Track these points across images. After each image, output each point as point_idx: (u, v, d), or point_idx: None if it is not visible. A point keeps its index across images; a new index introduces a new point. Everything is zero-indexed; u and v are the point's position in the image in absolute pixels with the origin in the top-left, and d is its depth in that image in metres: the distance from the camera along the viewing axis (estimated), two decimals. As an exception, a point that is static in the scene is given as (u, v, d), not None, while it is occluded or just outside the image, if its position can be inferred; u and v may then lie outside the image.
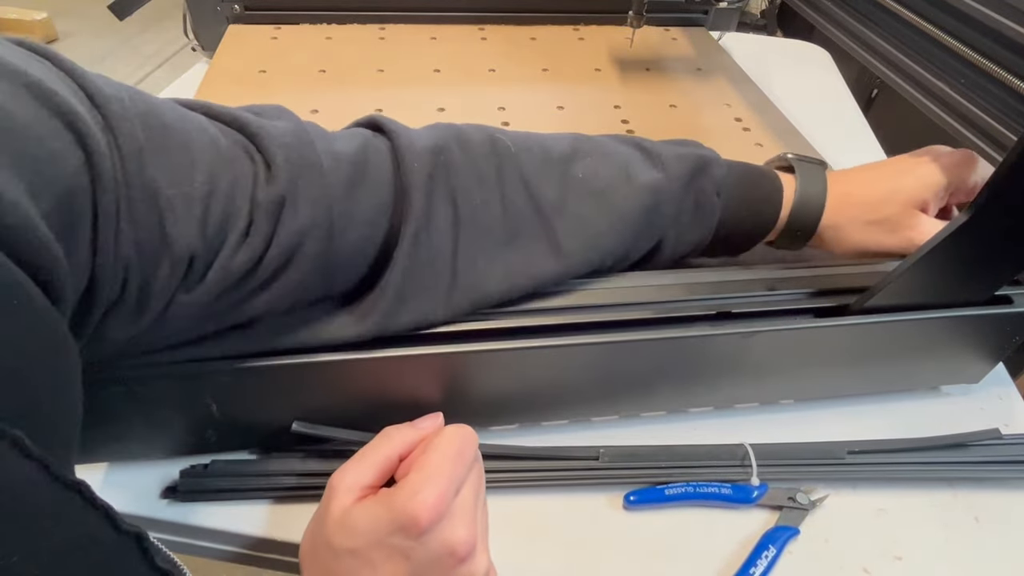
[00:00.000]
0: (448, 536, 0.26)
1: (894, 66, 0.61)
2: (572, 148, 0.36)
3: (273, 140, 0.28)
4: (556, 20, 0.81)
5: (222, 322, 0.30)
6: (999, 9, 0.48)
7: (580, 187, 0.35)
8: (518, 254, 0.34)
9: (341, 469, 0.29)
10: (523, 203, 0.34)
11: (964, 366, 0.43)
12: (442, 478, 0.27)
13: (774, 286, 0.38)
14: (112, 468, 0.37)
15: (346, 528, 0.27)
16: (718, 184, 0.38)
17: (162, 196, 0.24)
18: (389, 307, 0.31)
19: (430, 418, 0.32)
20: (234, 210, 0.27)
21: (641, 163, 0.37)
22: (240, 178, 0.27)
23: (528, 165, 0.34)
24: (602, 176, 0.36)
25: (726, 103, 0.67)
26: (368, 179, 0.31)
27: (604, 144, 0.38)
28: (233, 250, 0.27)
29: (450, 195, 0.32)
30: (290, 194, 0.28)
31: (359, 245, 0.31)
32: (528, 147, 0.35)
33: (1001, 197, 0.31)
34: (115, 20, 0.69)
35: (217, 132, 0.28)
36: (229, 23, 0.74)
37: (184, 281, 0.26)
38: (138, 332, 0.26)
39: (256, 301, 0.29)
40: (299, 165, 0.28)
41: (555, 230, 0.34)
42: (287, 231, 0.28)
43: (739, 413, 0.42)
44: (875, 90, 1.23)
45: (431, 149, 0.32)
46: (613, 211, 0.35)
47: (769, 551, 0.35)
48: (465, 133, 0.34)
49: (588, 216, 0.35)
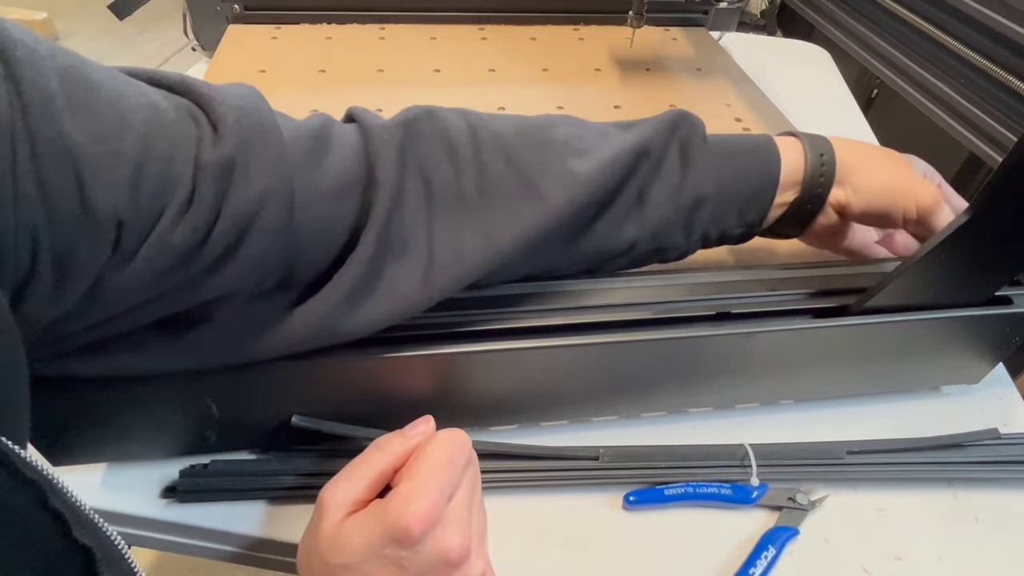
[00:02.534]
0: (442, 544, 0.26)
1: (894, 66, 0.61)
2: (548, 119, 0.35)
3: (223, 102, 0.25)
4: (556, 20, 0.81)
5: (170, 308, 0.27)
6: (999, 9, 0.48)
7: (562, 146, 0.33)
8: (497, 216, 0.31)
9: (331, 484, 0.28)
10: (501, 168, 0.32)
11: (964, 366, 0.43)
12: (433, 487, 0.26)
13: (774, 286, 0.38)
14: (112, 468, 0.37)
15: (339, 544, 0.26)
16: (702, 133, 0.36)
17: (80, 153, 0.21)
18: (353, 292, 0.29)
19: (421, 423, 0.31)
20: (174, 175, 0.24)
21: (620, 131, 0.36)
22: (182, 140, 0.24)
23: (504, 131, 0.33)
24: (584, 137, 0.34)
25: (726, 103, 0.67)
26: (334, 150, 0.29)
27: (581, 120, 0.37)
28: (173, 221, 0.24)
29: (420, 168, 0.30)
30: (241, 157, 0.25)
31: (326, 224, 0.28)
32: (503, 118, 0.34)
33: (1001, 197, 0.31)
34: (115, 20, 0.68)
35: (158, 96, 0.25)
36: (229, 23, 0.74)
37: (114, 256, 0.23)
38: (61, 314, 0.23)
39: (206, 285, 0.26)
40: (252, 128, 0.25)
41: (537, 185, 0.32)
42: (238, 200, 0.25)
43: (739, 413, 0.42)
44: (875, 90, 1.23)
45: (400, 123, 0.31)
46: (598, 161, 0.33)
47: (769, 551, 0.35)
48: (436, 108, 0.33)
49: (573, 169, 0.32)
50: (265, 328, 0.29)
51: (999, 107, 0.49)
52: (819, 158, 0.38)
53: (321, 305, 0.29)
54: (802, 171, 0.38)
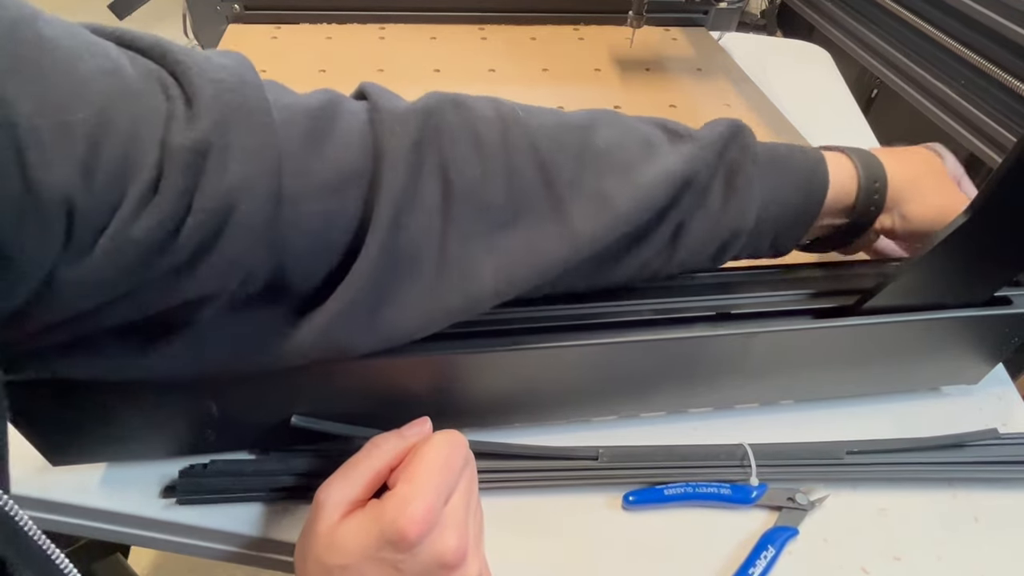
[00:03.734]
0: (439, 547, 0.26)
1: (894, 66, 0.61)
2: (590, 118, 0.31)
3: (202, 72, 0.22)
4: (556, 20, 0.81)
5: (141, 310, 0.24)
6: (999, 10, 0.48)
7: (600, 159, 0.30)
8: (520, 238, 0.28)
9: (326, 484, 0.28)
10: (532, 175, 0.28)
11: (963, 367, 0.43)
12: (429, 489, 0.26)
13: (774, 286, 0.38)
14: (112, 468, 0.37)
15: (335, 545, 0.26)
16: (754, 153, 0.32)
17: (21, 125, 0.18)
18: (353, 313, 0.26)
19: (417, 424, 0.31)
20: (136, 156, 0.20)
21: (667, 141, 0.32)
22: (148, 115, 0.21)
23: (540, 131, 0.29)
24: (626, 147, 0.30)
25: (726, 103, 0.67)
26: (336, 134, 0.25)
27: (626, 119, 0.33)
28: (134, 211, 0.21)
29: (440, 166, 0.27)
30: (218, 140, 0.22)
31: (322, 222, 0.25)
32: (539, 113, 0.30)
33: (1000, 198, 0.31)
34: (115, 20, 0.69)
35: (125, 60, 0.22)
36: (229, 23, 0.74)
37: (67, 248, 0.20)
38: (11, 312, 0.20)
39: (180, 287, 0.23)
40: (235, 106, 0.22)
41: (567, 209, 0.28)
42: (213, 190, 0.22)
43: (739, 413, 0.42)
44: (875, 90, 1.23)
45: (419, 111, 0.27)
46: (636, 187, 0.29)
47: (768, 551, 0.35)
48: (463, 96, 0.29)
49: (608, 193, 0.29)
50: (260, 339, 0.27)
51: (999, 107, 0.49)
52: (872, 185, 0.35)
53: (323, 318, 0.26)
54: (852, 198, 0.35)
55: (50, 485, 0.36)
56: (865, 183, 0.35)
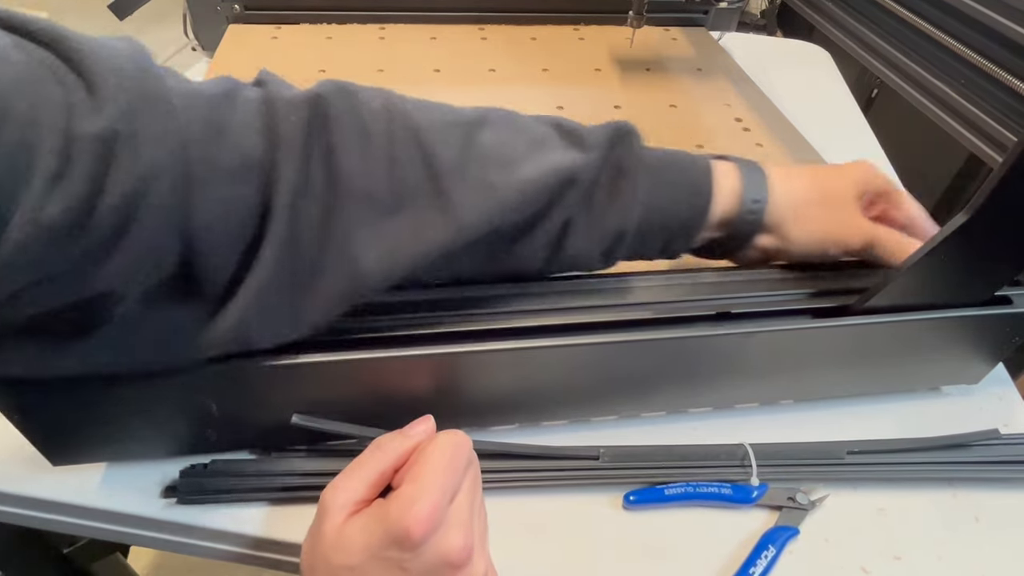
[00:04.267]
0: (444, 546, 0.26)
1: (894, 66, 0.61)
2: (481, 116, 0.32)
3: (100, 61, 0.22)
4: (556, 20, 0.81)
5: (58, 297, 0.24)
6: (999, 9, 0.48)
7: (485, 154, 0.31)
8: (404, 225, 0.29)
9: (332, 486, 0.28)
10: (415, 165, 0.29)
11: (964, 366, 0.43)
12: (434, 489, 0.26)
13: (774, 286, 0.38)
14: (112, 468, 0.37)
15: (341, 546, 0.26)
16: (639, 155, 0.33)
17: None
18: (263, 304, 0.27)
19: (421, 423, 0.31)
20: (35, 143, 0.20)
21: (558, 140, 0.33)
22: (43, 104, 0.21)
23: (426, 126, 0.30)
24: (512, 146, 0.31)
25: (726, 103, 0.67)
26: (235, 122, 0.26)
27: (520, 118, 0.34)
28: (41, 196, 0.21)
29: (327, 153, 0.27)
30: (126, 129, 0.22)
31: (227, 208, 0.26)
32: (429, 107, 0.31)
33: (1001, 197, 0.31)
34: (115, 20, 0.69)
35: (9, 44, 0.21)
36: (229, 23, 0.74)
37: None
38: None
39: (95, 275, 0.23)
40: (138, 94, 0.23)
41: (449, 195, 0.29)
42: (126, 174, 0.22)
43: (739, 413, 0.42)
44: (875, 90, 1.23)
45: (310, 99, 0.28)
46: (521, 179, 0.30)
47: (769, 551, 0.35)
48: (353, 86, 0.30)
49: (492, 183, 0.30)
50: (177, 334, 0.27)
51: (999, 107, 0.49)
52: (751, 204, 0.36)
53: (235, 309, 0.27)
54: (730, 214, 0.36)
55: (50, 485, 0.36)
56: (744, 201, 0.35)
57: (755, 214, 0.36)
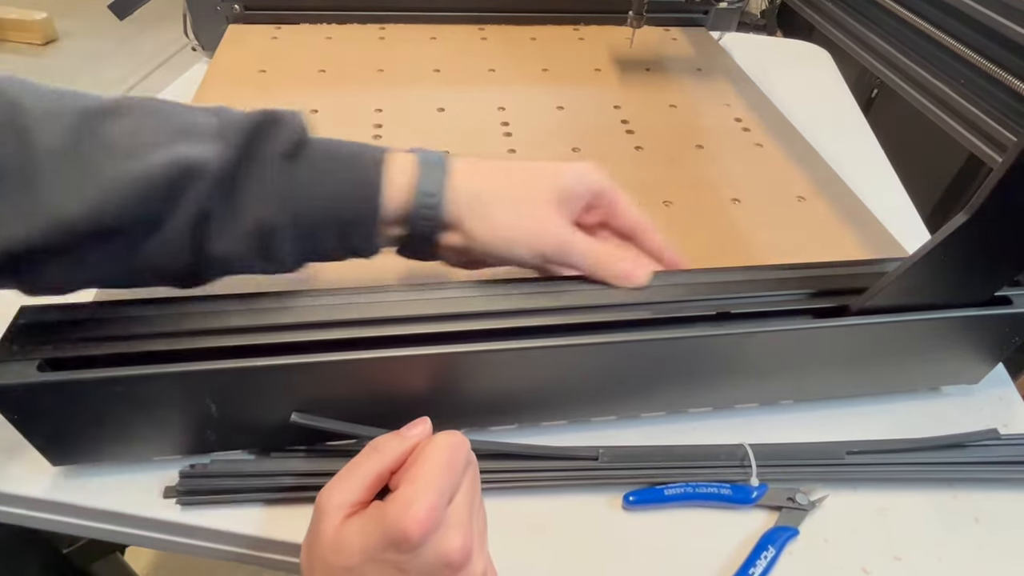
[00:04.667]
0: (442, 547, 0.26)
1: (894, 66, 0.61)
2: (118, 104, 0.30)
3: None
4: (556, 20, 0.81)
5: None
6: (999, 9, 0.48)
7: (106, 143, 0.29)
8: None
9: (328, 487, 0.28)
10: (5, 148, 0.27)
11: (964, 367, 0.43)
12: (432, 490, 0.26)
13: (774, 286, 0.38)
14: (112, 468, 0.37)
15: (339, 548, 0.26)
16: (283, 145, 0.32)
17: None
18: None
19: (418, 424, 0.31)
20: None
21: (207, 132, 0.31)
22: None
23: (38, 116, 0.28)
24: (144, 136, 0.30)
25: (726, 103, 0.67)
26: None
27: (174, 108, 0.32)
28: None
29: None
30: None
31: None
32: (59, 96, 0.29)
33: (1000, 197, 0.31)
34: (115, 20, 0.69)
35: None
36: (229, 23, 0.74)
37: None
38: None
39: None
40: None
41: (38, 185, 0.27)
42: None
43: (739, 413, 0.42)
44: (875, 90, 1.23)
45: None
46: (138, 169, 0.29)
47: (768, 551, 0.35)
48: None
49: (103, 171, 0.28)
50: None
51: (999, 107, 0.49)
52: (425, 199, 0.34)
53: None
54: (407, 208, 0.34)
55: (50, 485, 0.36)
56: (418, 195, 0.34)
57: (430, 208, 0.34)
